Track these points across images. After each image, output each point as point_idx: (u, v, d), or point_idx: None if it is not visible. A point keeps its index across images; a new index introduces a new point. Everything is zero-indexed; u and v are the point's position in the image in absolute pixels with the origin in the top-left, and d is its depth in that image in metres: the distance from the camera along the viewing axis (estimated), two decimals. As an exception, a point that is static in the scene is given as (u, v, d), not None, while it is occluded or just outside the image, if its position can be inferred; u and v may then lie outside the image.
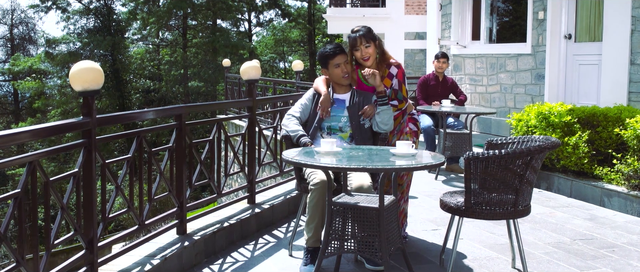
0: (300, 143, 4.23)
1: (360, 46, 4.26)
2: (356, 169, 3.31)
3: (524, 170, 3.70)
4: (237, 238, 4.75)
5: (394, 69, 4.39)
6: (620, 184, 5.91)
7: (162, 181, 4.12)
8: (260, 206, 5.24)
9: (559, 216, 5.60)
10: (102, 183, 3.47)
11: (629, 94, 7.36)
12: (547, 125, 6.46)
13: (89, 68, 3.23)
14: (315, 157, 3.63)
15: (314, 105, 4.49)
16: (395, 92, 4.40)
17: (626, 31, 7.34)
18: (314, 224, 4.02)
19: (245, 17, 36.93)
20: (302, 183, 4.30)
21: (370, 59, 4.28)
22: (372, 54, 4.28)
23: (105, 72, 31.93)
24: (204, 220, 4.68)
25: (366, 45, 4.25)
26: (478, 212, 3.74)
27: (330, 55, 4.37)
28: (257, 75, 5.18)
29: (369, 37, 4.28)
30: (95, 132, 3.27)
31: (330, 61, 4.38)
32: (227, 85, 15.22)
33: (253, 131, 5.24)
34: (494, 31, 10.29)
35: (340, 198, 3.74)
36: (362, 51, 4.27)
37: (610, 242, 4.81)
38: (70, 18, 33.62)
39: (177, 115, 4.20)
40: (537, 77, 8.95)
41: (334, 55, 4.37)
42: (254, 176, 5.26)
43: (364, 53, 4.27)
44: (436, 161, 3.48)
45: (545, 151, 3.73)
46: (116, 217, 3.85)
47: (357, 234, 3.61)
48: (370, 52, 4.26)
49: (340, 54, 4.38)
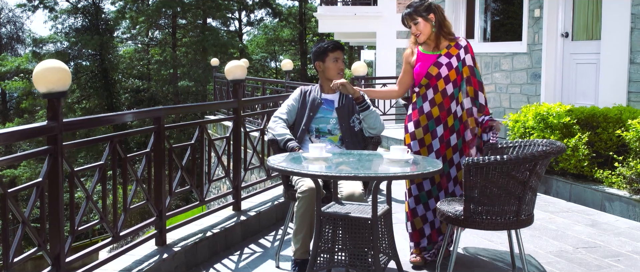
0: (288, 148, 3.97)
1: (410, 23, 3.96)
2: (347, 177, 3.04)
3: (528, 177, 3.45)
4: (221, 248, 4.48)
5: (462, 41, 4.03)
6: (621, 187, 5.67)
7: (140, 189, 3.84)
8: (246, 213, 4.96)
9: (560, 222, 5.36)
10: (70, 193, 3.18)
11: (629, 94, 7.13)
12: (546, 127, 6.21)
13: (54, 68, 2.94)
14: (303, 164, 3.36)
15: (300, 105, 4.23)
16: (470, 70, 3.95)
17: (625, 29, 7.11)
18: (301, 235, 3.76)
19: (236, 16, 36.64)
20: (290, 190, 4.03)
21: (422, 35, 3.95)
22: (424, 30, 3.94)
23: (93, 72, 31.98)
24: (185, 229, 4.40)
25: (415, 22, 3.93)
26: (478, 222, 3.49)
27: (330, 49, 4.19)
28: (243, 75, 4.91)
29: (415, 13, 3.94)
30: (61, 138, 2.99)
31: (330, 54, 4.19)
32: (216, 85, 14.91)
33: (238, 134, 4.96)
34: (488, 29, 10.06)
35: (329, 207, 3.47)
36: (413, 28, 3.97)
37: (614, 250, 4.57)
38: (57, 17, 33.20)
39: (155, 118, 3.92)
40: (533, 77, 8.72)
41: (334, 49, 4.20)
42: (239, 182, 4.98)
43: (414, 30, 3.96)
44: (434, 168, 3.22)
45: (550, 157, 3.48)
46: (90, 229, 3.56)
47: (348, 246, 3.36)
48: (420, 29, 3.93)
49: (340, 49, 4.23)
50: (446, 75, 3.93)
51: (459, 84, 3.95)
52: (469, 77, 3.95)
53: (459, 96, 3.95)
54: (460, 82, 3.95)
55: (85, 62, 32.74)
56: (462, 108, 3.94)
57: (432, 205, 3.99)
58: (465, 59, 3.97)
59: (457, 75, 3.94)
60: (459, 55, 3.96)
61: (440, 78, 3.93)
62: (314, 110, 4.20)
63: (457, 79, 3.94)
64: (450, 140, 3.96)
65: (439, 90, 3.94)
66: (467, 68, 3.96)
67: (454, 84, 3.94)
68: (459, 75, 3.95)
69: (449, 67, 3.93)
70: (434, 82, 3.93)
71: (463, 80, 3.95)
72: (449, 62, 3.94)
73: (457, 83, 3.95)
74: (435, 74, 3.93)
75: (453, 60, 3.94)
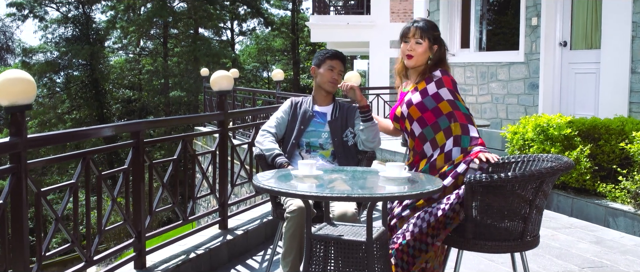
0: (276, 164, 3.71)
1: (411, 38, 3.37)
2: (339, 198, 2.78)
3: (534, 195, 3.20)
4: (205, 270, 4.19)
5: (437, 73, 3.38)
6: (626, 202, 5.43)
7: (117, 209, 3.56)
8: (232, 232, 4.68)
9: (563, 239, 5.11)
10: (36, 215, 2.91)
11: (630, 105, 6.91)
12: (546, 139, 5.97)
13: (17, 78, 2.68)
14: (292, 182, 3.10)
15: (291, 118, 3.97)
16: (450, 104, 3.32)
17: (626, 38, 6.90)
18: (290, 258, 3.49)
19: (228, 26, 36.42)
20: (278, 209, 3.77)
21: (414, 58, 3.37)
22: (421, 54, 3.36)
23: (84, 82, 31.64)
24: (167, 251, 4.11)
25: (418, 41, 3.35)
26: (481, 245, 3.22)
27: (330, 56, 3.95)
28: (229, 86, 4.65)
29: (426, 33, 3.36)
30: (25, 156, 2.72)
31: (328, 60, 3.94)
32: (206, 96, 14.63)
33: (225, 148, 4.69)
34: (484, 39, 9.85)
35: (321, 229, 3.20)
36: (410, 44, 3.37)
37: (623, 270, 4.32)
38: (48, 27, 32.92)
39: (133, 133, 3.65)
40: (530, 87, 8.49)
41: (333, 57, 3.95)
42: (226, 198, 4.71)
43: (411, 47, 3.37)
44: (433, 187, 2.96)
45: (558, 174, 3.23)
46: (61, 253, 3.28)
47: (340, 271, 3.09)
48: (418, 51, 3.36)
49: (341, 60, 3.98)
50: (408, 114, 3.38)
51: (433, 122, 3.34)
52: (451, 112, 3.34)
53: (438, 137, 3.35)
54: (434, 120, 3.33)
55: (75, 72, 32.44)
56: (441, 150, 3.33)
57: None
58: (440, 93, 3.34)
59: (422, 112, 3.34)
60: (425, 91, 3.35)
61: (404, 119, 3.41)
62: (305, 124, 3.95)
63: (425, 117, 3.34)
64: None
65: (407, 131, 3.43)
66: (445, 103, 3.34)
67: (422, 123, 3.36)
68: (429, 111, 3.33)
69: (408, 104, 3.37)
70: (402, 125, 3.45)
71: (441, 117, 3.33)
72: (409, 100, 3.37)
73: (425, 122, 3.35)
74: (399, 115, 3.43)
75: (415, 95, 3.36)
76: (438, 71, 3.38)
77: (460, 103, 3.37)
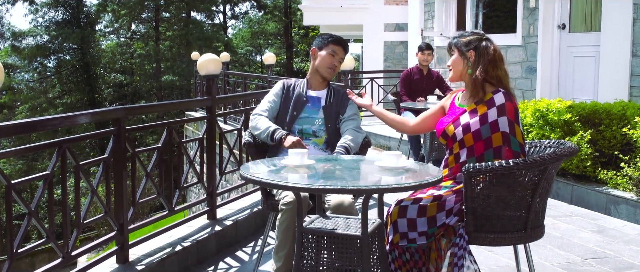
0: (275, 139, 3.53)
1: (448, 53, 3.26)
2: (332, 190, 2.59)
3: (537, 183, 3.02)
4: (192, 263, 4.01)
5: (500, 97, 3.07)
6: (627, 189, 5.27)
7: (96, 200, 3.36)
8: (221, 222, 4.50)
9: (564, 228, 4.95)
10: (7, 209, 2.71)
11: (631, 89, 6.75)
12: (545, 124, 5.80)
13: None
14: (282, 174, 2.91)
15: (283, 101, 3.77)
16: (504, 138, 3.05)
17: (627, 20, 6.71)
18: (284, 252, 3.31)
19: (220, 9, 36.01)
20: (269, 200, 3.58)
21: (452, 72, 3.20)
22: (455, 67, 3.17)
23: (74, 66, 31.25)
24: (152, 243, 3.92)
25: (451, 54, 3.21)
26: (482, 238, 3.05)
27: (334, 41, 3.75)
28: (217, 70, 4.44)
29: (453, 45, 3.19)
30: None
31: (332, 45, 3.74)
32: (197, 80, 14.38)
33: (212, 135, 4.49)
34: (480, 21, 9.64)
35: (313, 222, 3.02)
36: (450, 60, 3.23)
37: (626, 261, 4.16)
38: (38, 10, 32.43)
39: (114, 120, 3.45)
40: (528, 71, 8.31)
41: (337, 43, 3.74)
42: (214, 187, 4.51)
43: (450, 62, 3.23)
44: (433, 177, 2.77)
45: (561, 160, 3.06)
46: (35, 248, 3.08)
47: (334, 266, 2.91)
48: (451, 64, 3.19)
49: (344, 48, 3.77)
50: (461, 140, 3.08)
51: (479, 154, 3.06)
52: (500, 148, 3.05)
53: None
54: (482, 152, 3.05)
55: (66, 56, 32.05)
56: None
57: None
58: (498, 122, 3.03)
59: (475, 141, 3.05)
60: (485, 116, 3.04)
61: (455, 141, 3.11)
62: (298, 110, 3.74)
63: (476, 147, 3.05)
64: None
65: (453, 153, 3.14)
66: (499, 135, 3.04)
67: (470, 153, 3.07)
68: (482, 141, 3.05)
69: (465, 129, 3.07)
70: (450, 144, 3.16)
71: (488, 150, 3.05)
72: (467, 124, 3.07)
73: (473, 152, 3.06)
74: (451, 135, 3.12)
75: (474, 121, 3.06)
76: (501, 95, 3.08)
77: (514, 138, 3.08)
